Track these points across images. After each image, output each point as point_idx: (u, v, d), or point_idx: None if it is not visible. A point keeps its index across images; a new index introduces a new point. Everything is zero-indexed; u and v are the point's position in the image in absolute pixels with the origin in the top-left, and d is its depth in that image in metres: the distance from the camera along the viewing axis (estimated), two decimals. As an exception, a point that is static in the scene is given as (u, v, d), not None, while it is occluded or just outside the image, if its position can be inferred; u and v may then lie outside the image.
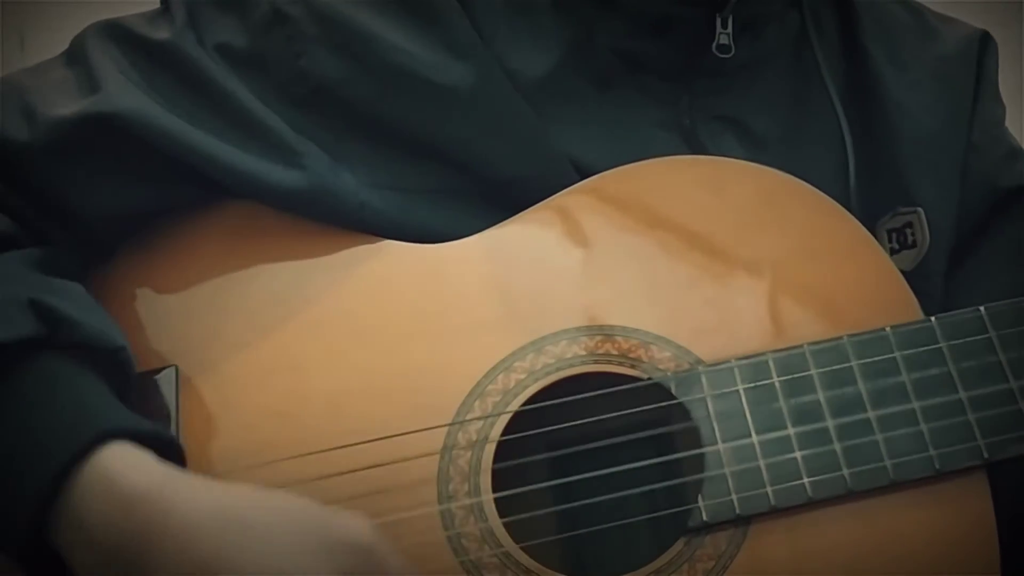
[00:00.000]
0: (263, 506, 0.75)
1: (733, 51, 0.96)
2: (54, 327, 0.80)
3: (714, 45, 0.96)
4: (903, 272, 0.90)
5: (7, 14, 2.10)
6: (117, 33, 0.95)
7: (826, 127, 1.00)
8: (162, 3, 0.97)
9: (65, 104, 0.90)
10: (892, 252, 0.97)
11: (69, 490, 0.74)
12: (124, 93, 0.90)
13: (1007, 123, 1.08)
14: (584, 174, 0.93)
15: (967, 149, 1.04)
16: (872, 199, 0.99)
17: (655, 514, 0.82)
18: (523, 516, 0.83)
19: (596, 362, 0.86)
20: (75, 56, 0.95)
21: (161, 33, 0.93)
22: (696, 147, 0.97)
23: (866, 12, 1.05)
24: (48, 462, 0.74)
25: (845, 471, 0.81)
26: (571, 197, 0.91)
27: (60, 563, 0.76)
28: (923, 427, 0.81)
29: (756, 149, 0.98)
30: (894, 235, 0.99)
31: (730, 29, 0.96)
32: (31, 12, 2.11)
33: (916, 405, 0.82)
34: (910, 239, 0.98)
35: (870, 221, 0.97)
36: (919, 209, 0.99)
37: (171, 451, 0.79)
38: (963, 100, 1.05)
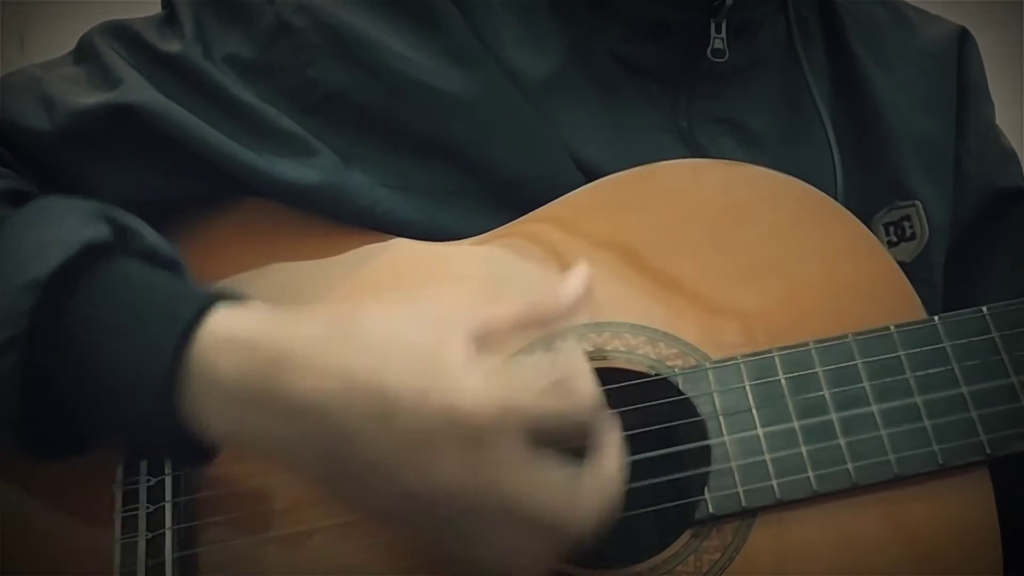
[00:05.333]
0: (370, 306, 0.76)
1: (728, 55, 0.98)
2: (123, 235, 0.82)
3: (709, 50, 0.97)
4: (903, 263, 0.91)
5: (7, 14, 2.10)
6: (126, 36, 0.96)
7: (816, 128, 1.02)
8: (164, 6, 0.98)
9: (84, 96, 0.92)
10: (890, 245, 0.99)
11: (193, 353, 0.76)
12: (144, 88, 0.92)
13: (1007, 123, 1.10)
14: (588, 175, 0.94)
15: (964, 152, 1.06)
16: (866, 195, 1.01)
17: (663, 506, 0.83)
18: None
19: (604, 358, 0.87)
20: (85, 54, 0.96)
21: (172, 46, 0.94)
22: (695, 149, 0.98)
23: (848, 14, 1.07)
24: (168, 332, 0.76)
25: (850, 465, 0.82)
26: (583, 197, 0.92)
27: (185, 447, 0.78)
28: (926, 423, 0.83)
29: (754, 150, 1.00)
30: (891, 228, 1.01)
31: (724, 34, 0.98)
32: (31, 12, 2.12)
33: (919, 401, 0.83)
34: (908, 232, 1.00)
35: (865, 216, 0.98)
36: (917, 202, 1.01)
37: None
38: (947, 96, 1.07)
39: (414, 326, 0.74)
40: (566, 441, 0.76)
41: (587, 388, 0.76)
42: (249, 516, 0.84)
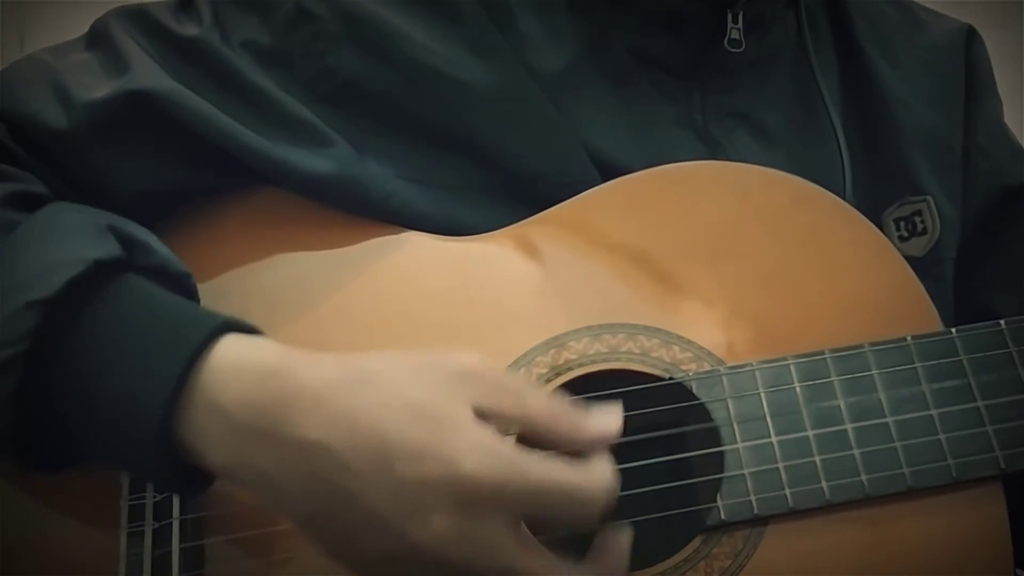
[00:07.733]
0: (379, 359, 0.75)
1: (744, 47, 0.98)
2: (132, 250, 0.81)
3: (726, 40, 0.97)
4: (915, 258, 0.91)
5: (7, 14, 2.10)
6: (143, 21, 0.95)
7: (826, 124, 1.02)
8: None
9: (96, 85, 0.91)
10: (901, 239, 1.00)
11: (199, 379, 0.75)
12: (154, 74, 0.91)
13: (1008, 123, 1.11)
14: (603, 170, 0.94)
15: (973, 148, 1.06)
16: (876, 190, 1.01)
17: (675, 512, 0.82)
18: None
19: (618, 360, 0.86)
20: (97, 39, 0.95)
21: (189, 30, 0.93)
22: (710, 144, 0.98)
23: (857, 12, 1.07)
24: (174, 357, 0.75)
25: (863, 476, 0.81)
26: (599, 196, 0.92)
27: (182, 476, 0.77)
28: (941, 436, 0.82)
29: (768, 144, 1.00)
30: (902, 223, 1.01)
31: (740, 25, 0.98)
32: (31, 12, 2.11)
33: (935, 414, 0.83)
34: (920, 227, 1.01)
35: (875, 212, 0.99)
36: (928, 198, 1.01)
37: None
38: (955, 92, 1.08)
39: (421, 382, 0.74)
40: (568, 526, 0.76)
41: (605, 470, 0.74)
42: (257, 536, 0.82)
